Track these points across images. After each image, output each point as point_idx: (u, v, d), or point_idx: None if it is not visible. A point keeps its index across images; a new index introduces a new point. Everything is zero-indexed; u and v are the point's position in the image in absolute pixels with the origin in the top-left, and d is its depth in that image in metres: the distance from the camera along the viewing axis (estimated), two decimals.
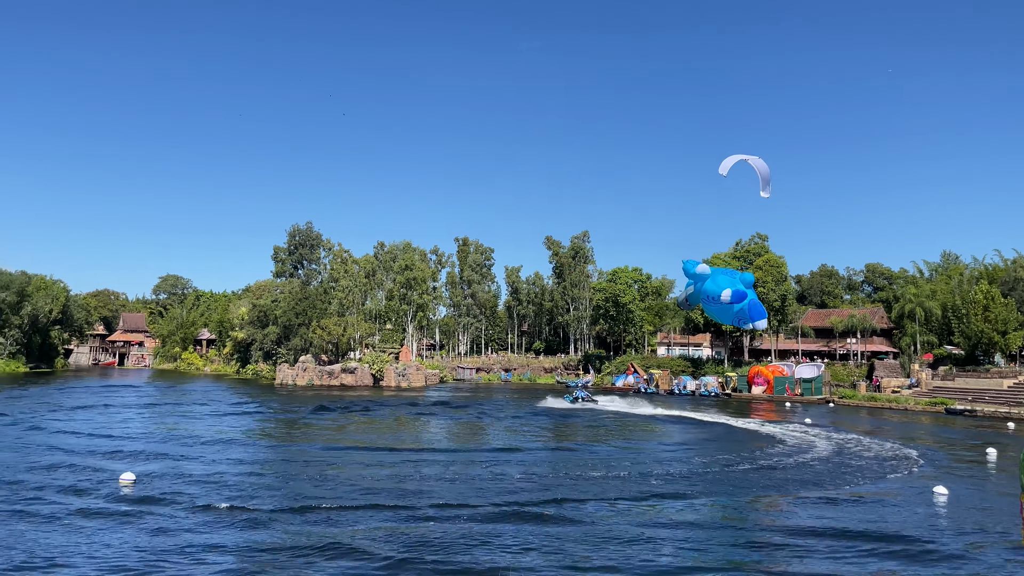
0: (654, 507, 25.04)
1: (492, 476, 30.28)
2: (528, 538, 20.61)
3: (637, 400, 72.73)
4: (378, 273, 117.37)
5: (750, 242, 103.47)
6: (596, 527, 22.03)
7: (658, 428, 51.35)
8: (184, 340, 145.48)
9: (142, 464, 31.47)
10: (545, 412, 60.65)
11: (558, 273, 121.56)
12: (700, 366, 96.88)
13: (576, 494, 26.69)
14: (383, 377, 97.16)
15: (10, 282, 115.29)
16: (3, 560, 17.53)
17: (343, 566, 17.87)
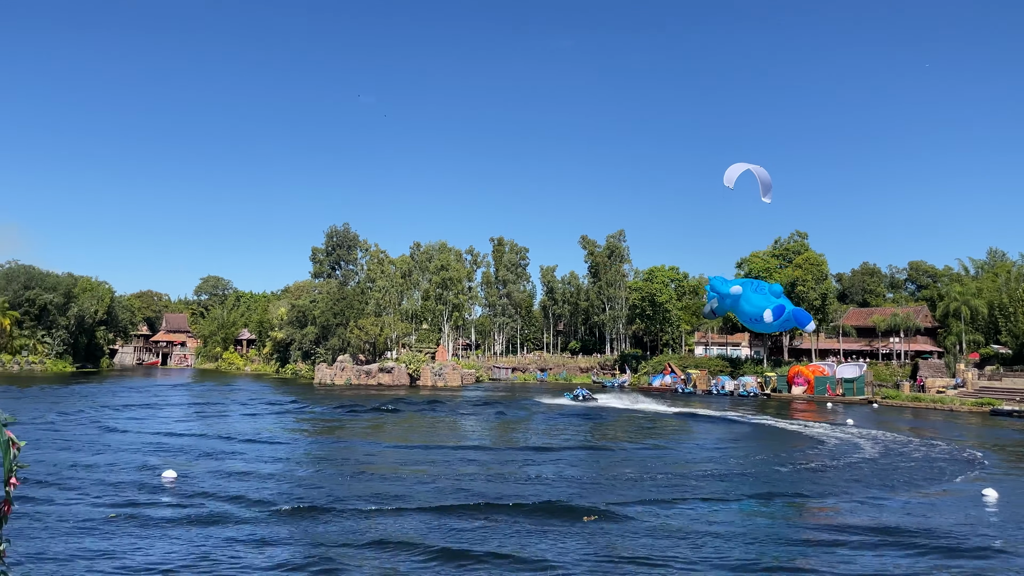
0: (694, 508, 24.74)
1: (529, 475, 30.20)
2: (567, 538, 20.49)
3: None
4: (414, 273, 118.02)
5: (789, 240, 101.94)
6: (635, 527, 21.82)
7: (695, 428, 50.83)
8: (225, 340, 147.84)
9: (184, 461, 31.97)
10: (583, 412, 60.41)
11: (593, 272, 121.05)
12: (739, 366, 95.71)
13: (614, 494, 26.49)
14: (419, 377, 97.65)
15: (57, 284, 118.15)
16: (46, 556, 17.90)
17: (383, 564, 17.92)
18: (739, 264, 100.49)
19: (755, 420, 55.54)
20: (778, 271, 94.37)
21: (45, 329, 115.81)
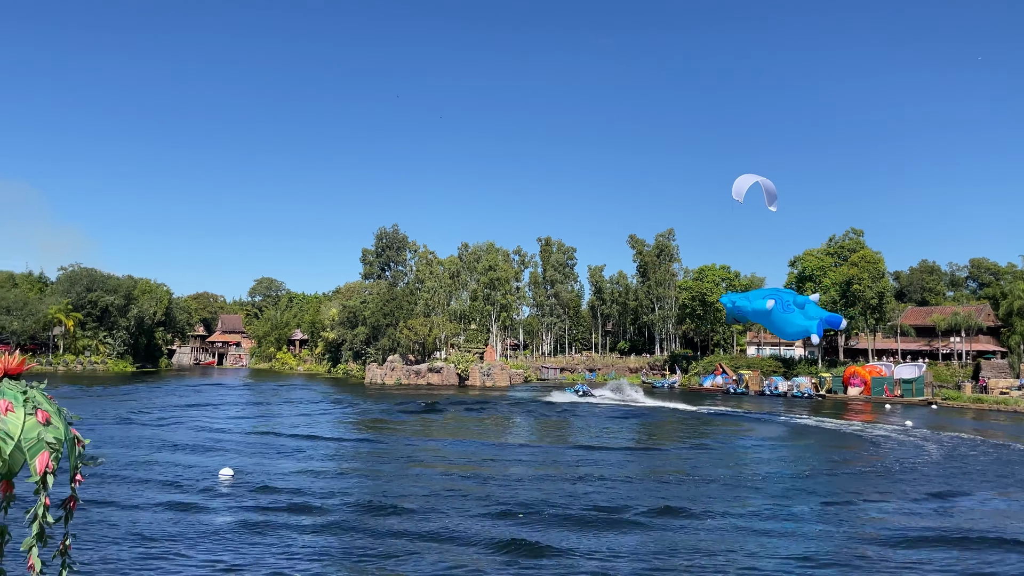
0: (752, 512, 24.24)
1: (578, 476, 30.00)
2: (619, 541, 20.27)
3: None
4: (462, 274, 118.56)
5: (844, 237, 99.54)
6: (691, 531, 21.48)
7: (749, 428, 49.95)
8: (278, 340, 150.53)
9: (240, 459, 32.56)
10: (633, 412, 59.93)
11: (642, 272, 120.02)
12: (792, 366, 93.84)
13: (668, 496, 26.14)
14: (468, 376, 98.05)
15: (118, 286, 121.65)
16: (107, 551, 18.35)
17: (436, 563, 17.94)
18: (792, 263, 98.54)
19: (785, 419, 54.33)
20: (833, 269, 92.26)
21: (107, 330, 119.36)
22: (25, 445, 6.37)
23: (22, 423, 6.37)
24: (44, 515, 6.52)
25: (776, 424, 53.04)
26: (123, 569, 16.88)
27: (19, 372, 6.86)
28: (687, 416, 58.13)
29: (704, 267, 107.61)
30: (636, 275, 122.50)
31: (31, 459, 6.40)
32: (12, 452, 6.28)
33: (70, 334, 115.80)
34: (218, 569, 17.14)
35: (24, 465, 6.49)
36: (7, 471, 6.37)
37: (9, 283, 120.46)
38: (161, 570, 16.96)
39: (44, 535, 6.60)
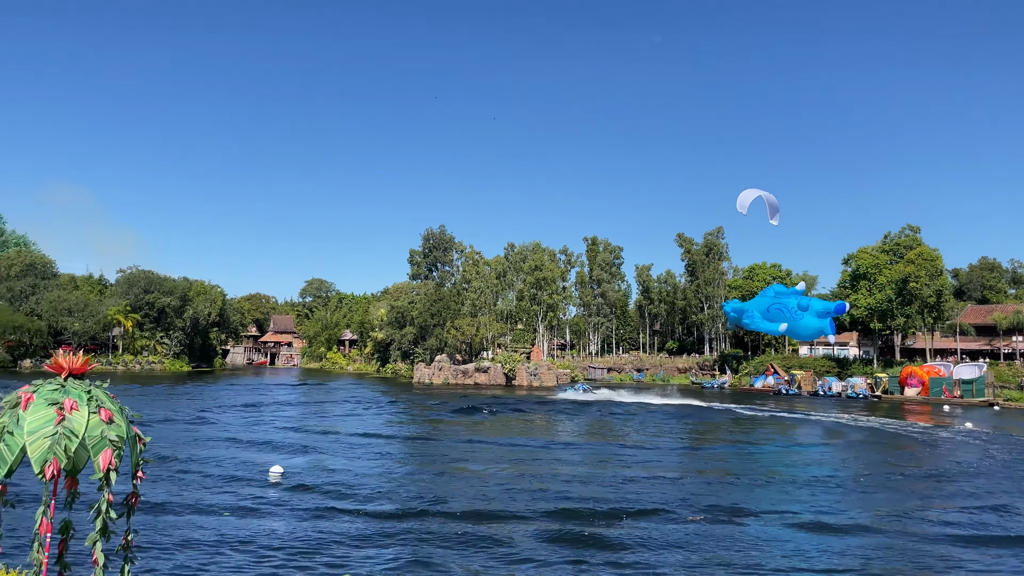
0: (807, 514, 23.79)
1: (629, 477, 29.81)
2: (668, 542, 20.08)
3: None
4: (508, 274, 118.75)
5: (900, 234, 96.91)
6: (742, 533, 21.17)
7: (797, 429, 49.02)
8: (328, 340, 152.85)
9: (290, 457, 33.12)
10: (675, 412, 59.35)
11: (691, 271, 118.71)
12: (846, 366, 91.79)
13: (717, 496, 25.80)
14: (515, 376, 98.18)
15: (174, 288, 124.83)
16: (160, 548, 18.83)
17: (484, 563, 18.00)
18: (846, 260, 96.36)
19: (821, 418, 53.06)
20: (888, 267, 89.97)
21: (163, 331, 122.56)
22: (89, 443, 6.59)
23: (86, 421, 6.60)
24: (107, 511, 6.75)
25: (824, 425, 51.95)
26: (177, 565, 17.31)
27: (83, 372, 7.11)
28: (739, 416, 57.30)
29: (755, 265, 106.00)
30: (684, 274, 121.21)
31: (95, 456, 6.62)
32: (77, 449, 6.50)
33: (129, 335, 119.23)
34: (268, 566, 17.46)
35: (88, 462, 6.71)
36: (72, 468, 6.60)
37: (71, 285, 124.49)
38: (211, 566, 17.34)
39: (107, 530, 6.82)
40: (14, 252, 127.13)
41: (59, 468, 6.26)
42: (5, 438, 6.33)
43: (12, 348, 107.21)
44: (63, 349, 7.55)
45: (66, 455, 6.29)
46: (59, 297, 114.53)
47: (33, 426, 6.29)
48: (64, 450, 6.28)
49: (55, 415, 6.37)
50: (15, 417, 6.39)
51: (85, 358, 7.07)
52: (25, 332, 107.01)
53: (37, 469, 6.20)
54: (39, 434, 6.27)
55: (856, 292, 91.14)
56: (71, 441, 6.35)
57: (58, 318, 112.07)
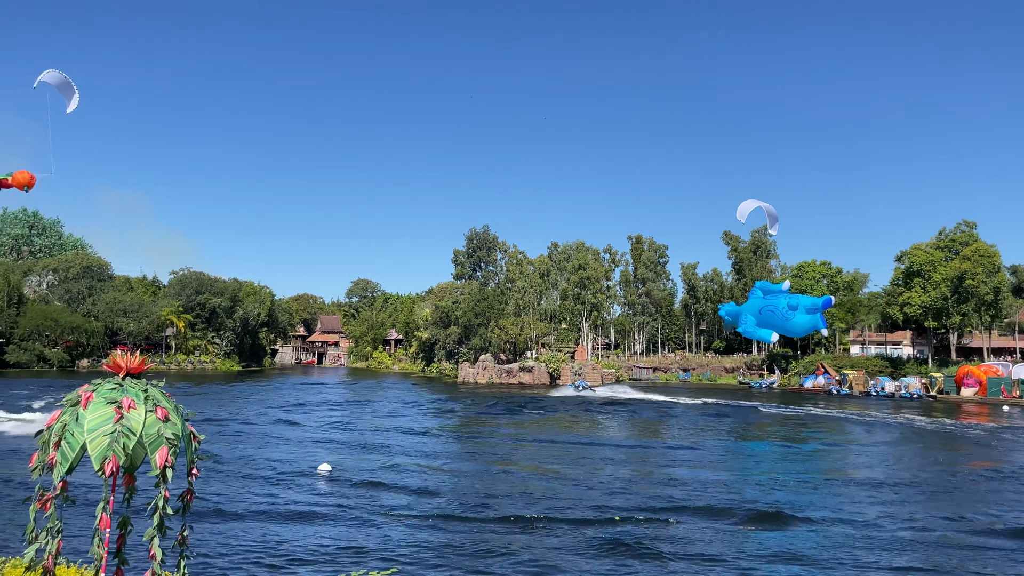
0: (863, 518, 23.26)
1: (670, 476, 29.51)
2: (717, 545, 19.81)
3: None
4: (552, 273, 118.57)
5: (955, 230, 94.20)
6: (796, 536, 20.78)
7: (849, 429, 47.96)
8: (374, 340, 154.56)
9: (338, 455, 33.53)
10: (715, 412, 58.59)
11: (738, 269, 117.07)
12: (900, 366, 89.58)
13: (769, 498, 25.38)
14: (559, 376, 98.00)
15: (224, 288, 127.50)
16: (212, 544, 19.20)
17: (536, 562, 17.98)
18: (899, 257, 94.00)
19: (892, 420, 51.69)
20: (943, 264, 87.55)
21: (214, 331, 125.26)
22: (146, 440, 6.75)
23: (143, 419, 6.76)
24: (164, 507, 6.91)
25: (877, 425, 50.74)
26: (227, 560, 17.64)
27: (139, 371, 7.28)
28: (787, 416, 56.33)
29: (804, 263, 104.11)
30: (731, 272, 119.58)
31: (152, 454, 6.78)
32: (134, 447, 6.66)
33: (181, 335, 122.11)
34: (316, 561, 17.69)
35: (145, 459, 6.88)
36: (129, 465, 6.77)
37: (126, 287, 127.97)
38: (261, 561, 17.64)
39: (164, 526, 6.98)
40: (72, 255, 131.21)
41: (118, 465, 6.42)
42: (66, 436, 6.52)
43: (70, 348, 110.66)
44: (119, 349, 7.73)
45: (124, 452, 6.45)
46: (115, 298, 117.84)
47: (93, 424, 6.47)
48: (122, 447, 6.43)
49: (114, 413, 6.54)
50: (75, 415, 6.57)
51: (142, 358, 7.24)
52: (82, 332, 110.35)
53: (97, 466, 6.36)
54: (99, 432, 6.43)
55: (910, 290, 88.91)
56: (129, 439, 6.50)
57: (114, 319, 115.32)
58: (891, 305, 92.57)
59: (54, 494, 6.52)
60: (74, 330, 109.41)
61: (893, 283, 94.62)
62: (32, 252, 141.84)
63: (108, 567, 6.97)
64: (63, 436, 6.51)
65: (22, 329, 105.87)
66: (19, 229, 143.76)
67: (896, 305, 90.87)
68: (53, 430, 6.61)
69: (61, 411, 6.72)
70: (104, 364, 7.86)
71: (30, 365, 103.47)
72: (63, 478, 6.50)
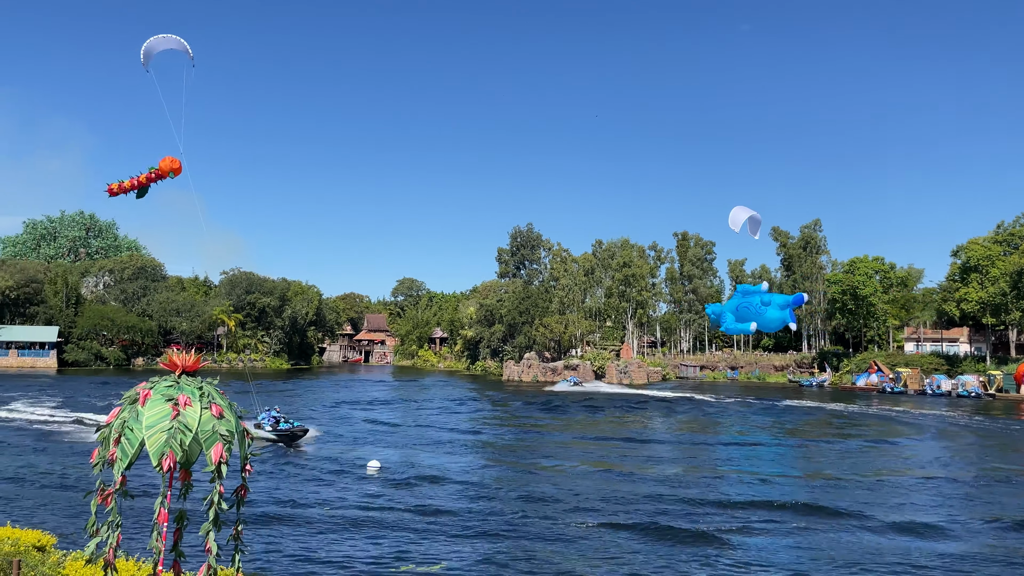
0: (918, 520, 22.68)
1: (719, 473, 29.13)
2: (767, 544, 19.50)
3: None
4: (596, 271, 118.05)
5: (1015, 224, 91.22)
6: (848, 537, 20.34)
7: (904, 428, 46.75)
8: (420, 338, 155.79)
9: (387, 451, 33.86)
10: (779, 409, 57.64)
11: (787, 266, 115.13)
12: (957, 364, 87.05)
13: (820, 497, 24.89)
14: (604, 374, 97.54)
15: (273, 288, 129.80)
16: (266, 539, 19.52)
17: (587, 559, 17.91)
18: (955, 252, 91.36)
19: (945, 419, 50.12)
20: (1002, 259, 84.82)
21: (264, 330, 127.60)
22: (201, 437, 6.88)
23: (199, 416, 6.90)
24: (219, 502, 7.03)
25: (933, 424, 49.40)
26: (280, 554, 17.93)
27: (195, 369, 7.44)
28: (836, 413, 55.19)
29: (855, 259, 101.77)
30: (780, 269, 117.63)
31: (207, 450, 6.90)
32: (190, 443, 6.80)
33: (232, 334, 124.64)
34: (365, 555, 17.87)
35: (200, 455, 7.02)
36: (185, 460, 6.91)
37: (178, 287, 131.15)
38: (312, 555, 17.88)
39: (219, 520, 7.12)
40: (126, 256, 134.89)
41: (175, 461, 6.55)
42: (125, 432, 6.68)
43: (126, 347, 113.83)
44: (173, 348, 7.88)
45: (181, 448, 6.58)
46: (168, 298, 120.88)
47: (151, 421, 6.61)
48: (179, 444, 6.56)
49: (171, 410, 6.67)
50: (135, 412, 6.73)
51: (197, 356, 7.38)
52: (138, 332, 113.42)
53: (155, 462, 6.51)
54: (156, 428, 6.58)
55: (967, 285, 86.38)
56: (185, 435, 6.64)
57: (167, 318, 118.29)
58: (947, 301, 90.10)
59: (114, 489, 6.68)
60: (129, 329, 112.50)
61: (949, 279, 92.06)
62: (89, 254, 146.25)
63: (165, 560, 7.11)
64: (123, 432, 6.67)
65: (80, 329, 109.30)
66: (76, 231, 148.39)
67: (952, 301, 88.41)
68: (113, 427, 6.78)
69: (120, 408, 6.88)
70: (160, 362, 8.03)
71: (88, 363, 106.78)
72: (123, 473, 6.65)
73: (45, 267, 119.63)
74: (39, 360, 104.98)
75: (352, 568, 17.08)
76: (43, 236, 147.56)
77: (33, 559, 9.73)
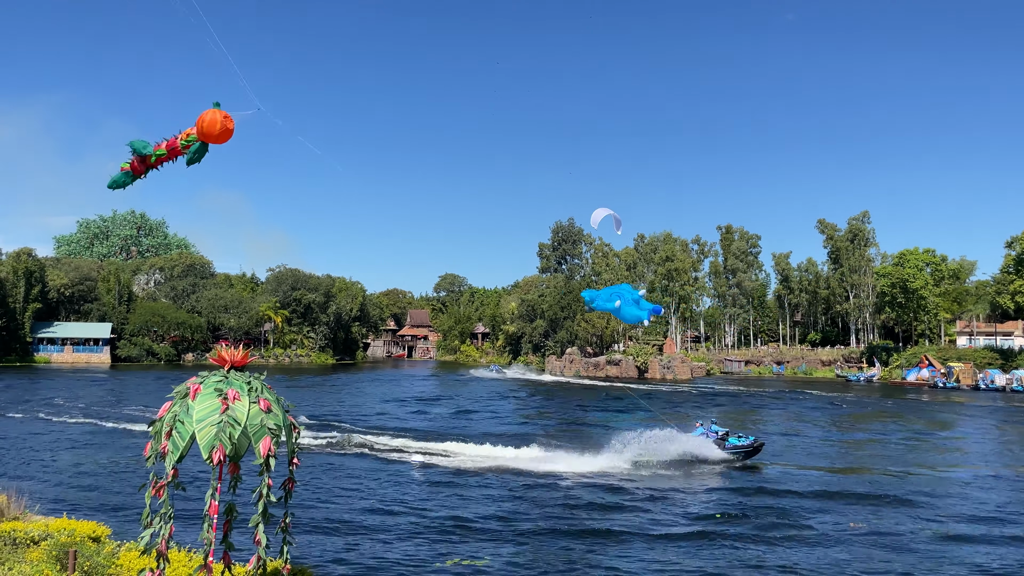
0: (976, 520, 22.14)
1: (769, 474, 28.75)
2: (835, 553, 19.21)
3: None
4: (639, 265, 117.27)
5: None
6: (906, 542, 19.94)
7: (958, 423, 45.59)
8: (462, 334, 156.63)
9: (430, 446, 34.09)
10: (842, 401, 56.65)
11: (834, 258, 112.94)
12: (1011, 358, 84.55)
13: (879, 500, 24.45)
14: (647, 369, 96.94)
15: (318, 284, 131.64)
16: (313, 533, 19.83)
17: (628, 559, 17.87)
18: (1009, 243, 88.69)
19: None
20: None
21: (309, 325, 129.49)
22: (250, 430, 7.02)
23: (247, 410, 7.04)
24: (267, 495, 7.18)
25: (987, 419, 48.05)
26: (327, 547, 18.20)
27: (243, 364, 7.58)
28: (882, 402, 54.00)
29: (905, 251, 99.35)
30: (827, 262, 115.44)
31: (255, 443, 7.04)
32: (239, 437, 6.94)
33: (279, 329, 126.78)
34: (408, 551, 18.05)
35: (249, 448, 7.16)
36: (235, 453, 7.06)
37: (226, 284, 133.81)
38: (356, 550, 18.12)
39: (268, 513, 7.26)
40: (176, 254, 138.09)
41: (224, 454, 6.70)
42: (177, 426, 6.85)
43: (176, 343, 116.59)
44: (222, 343, 8.06)
45: (230, 442, 6.72)
46: (216, 295, 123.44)
47: (201, 414, 6.77)
48: (228, 437, 6.71)
49: (220, 404, 6.82)
50: (185, 406, 6.89)
51: (245, 352, 7.53)
52: (187, 328, 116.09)
53: (205, 454, 6.66)
54: (206, 422, 6.73)
55: (1021, 277, 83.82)
56: (235, 429, 6.78)
57: (216, 314, 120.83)
58: (1001, 294, 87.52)
59: (166, 481, 6.85)
60: (179, 325, 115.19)
61: (1003, 271, 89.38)
62: (140, 252, 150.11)
63: (216, 551, 7.28)
64: (174, 426, 6.83)
65: (132, 325, 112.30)
66: (128, 230, 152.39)
67: (1007, 294, 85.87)
68: (164, 420, 6.95)
69: (172, 402, 7.05)
70: (210, 357, 8.21)
71: (140, 359, 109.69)
72: (175, 466, 6.81)
73: (98, 265, 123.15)
74: (93, 356, 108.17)
75: (392, 560, 17.25)
76: (96, 235, 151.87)
77: (88, 549, 10.03)
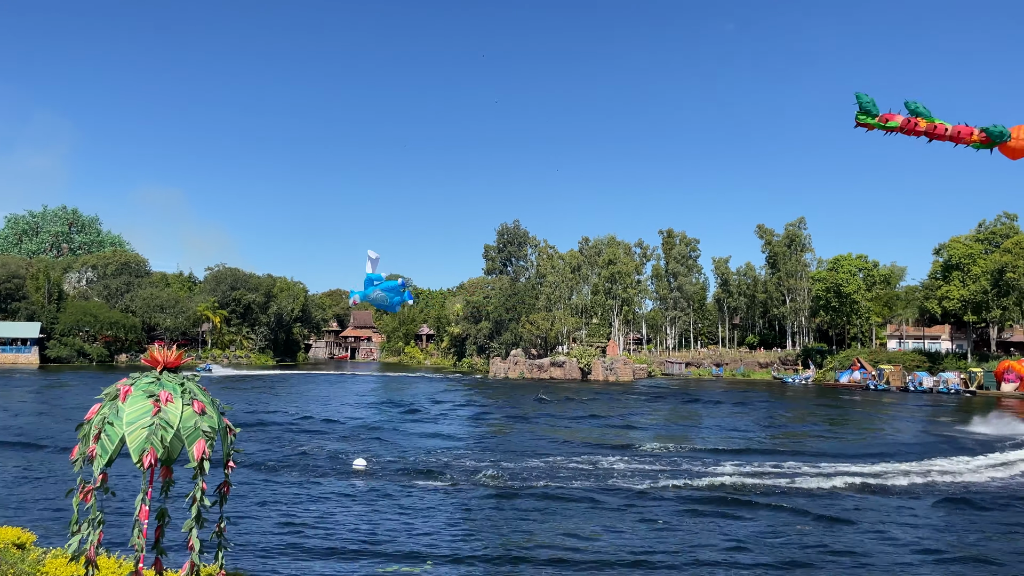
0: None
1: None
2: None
3: None
4: (583, 268, 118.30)
5: (995, 223, 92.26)
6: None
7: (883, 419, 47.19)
8: (406, 335, 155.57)
9: (373, 448, 33.78)
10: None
11: (771, 263, 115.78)
12: (938, 361, 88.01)
13: None
14: (591, 371, 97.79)
15: (259, 284, 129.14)
16: (250, 537, 19.45)
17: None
18: (937, 250, 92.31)
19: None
20: (983, 257, 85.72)
21: (249, 326, 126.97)
22: (183, 433, 6.84)
23: (180, 412, 6.86)
24: (202, 499, 7.01)
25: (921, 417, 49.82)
26: (262, 552, 17.88)
27: (177, 366, 7.39)
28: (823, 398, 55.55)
29: (839, 257, 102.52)
30: (765, 266, 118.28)
31: (189, 446, 6.86)
32: (172, 439, 6.76)
33: (217, 330, 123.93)
34: (350, 554, 17.85)
35: (182, 452, 6.98)
36: (167, 457, 6.87)
37: (162, 283, 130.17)
38: (295, 555, 17.84)
39: (202, 517, 7.09)
40: (110, 252, 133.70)
41: (156, 457, 6.52)
42: (106, 428, 6.63)
43: (109, 343, 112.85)
44: (157, 344, 7.85)
45: (162, 445, 6.55)
46: (152, 294, 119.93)
47: (131, 417, 6.57)
48: (160, 440, 6.53)
49: (152, 406, 6.64)
50: (115, 409, 6.69)
51: (179, 352, 7.34)
52: (121, 328, 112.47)
53: (135, 458, 6.47)
54: (137, 425, 6.54)
55: (948, 283, 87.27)
56: (167, 431, 6.60)
57: (151, 314, 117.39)
58: (929, 299, 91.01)
59: (95, 486, 6.64)
60: (112, 325, 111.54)
61: (931, 276, 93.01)
62: (72, 249, 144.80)
63: (147, 557, 7.08)
64: (103, 429, 6.62)
65: (62, 325, 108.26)
66: (59, 227, 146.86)
67: (934, 299, 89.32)
68: (93, 423, 6.73)
69: (100, 404, 6.83)
70: (143, 358, 7.99)
71: (70, 360, 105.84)
72: (103, 470, 6.61)
73: (27, 262, 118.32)
74: (20, 356, 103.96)
75: (333, 568, 17.04)
76: (25, 231, 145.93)
77: (12, 556, 9.64)
